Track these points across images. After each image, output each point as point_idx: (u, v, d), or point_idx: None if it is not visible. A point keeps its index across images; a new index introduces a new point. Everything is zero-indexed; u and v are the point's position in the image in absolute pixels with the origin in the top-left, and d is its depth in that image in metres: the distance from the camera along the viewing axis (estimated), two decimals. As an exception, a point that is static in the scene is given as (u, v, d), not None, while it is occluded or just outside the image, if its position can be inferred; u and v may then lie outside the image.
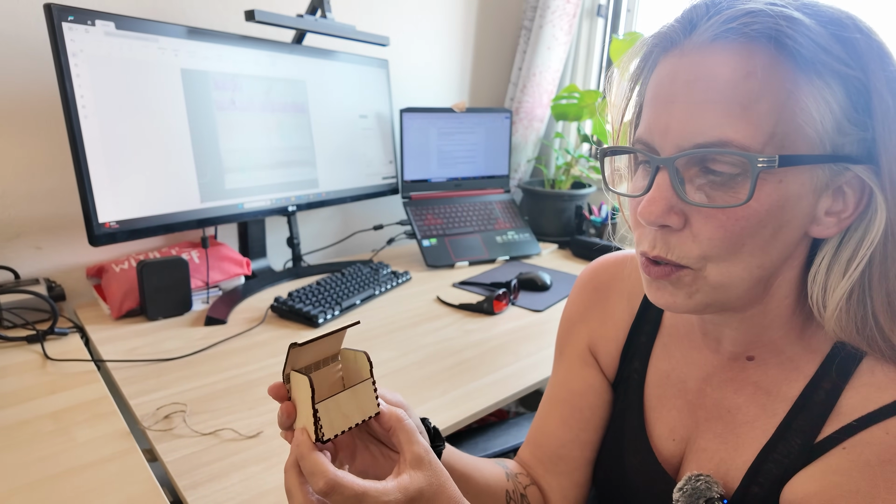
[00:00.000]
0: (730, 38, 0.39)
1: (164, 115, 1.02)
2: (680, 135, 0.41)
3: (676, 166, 0.42)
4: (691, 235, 0.42)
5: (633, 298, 0.62)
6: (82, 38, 0.89)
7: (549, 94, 1.76)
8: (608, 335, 0.63)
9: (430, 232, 1.49)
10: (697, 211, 0.42)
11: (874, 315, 0.42)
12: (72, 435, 0.70)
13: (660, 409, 0.57)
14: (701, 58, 0.40)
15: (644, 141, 0.44)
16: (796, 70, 0.38)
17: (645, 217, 0.42)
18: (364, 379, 0.45)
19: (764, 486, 0.46)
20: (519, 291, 1.26)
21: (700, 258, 0.42)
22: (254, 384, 0.84)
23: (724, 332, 0.51)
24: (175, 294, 1.07)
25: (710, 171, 0.41)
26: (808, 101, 0.38)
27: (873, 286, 0.42)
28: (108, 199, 0.95)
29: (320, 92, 1.30)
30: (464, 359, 0.96)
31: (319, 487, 0.38)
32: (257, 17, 1.11)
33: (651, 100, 0.44)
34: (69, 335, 0.97)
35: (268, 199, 1.21)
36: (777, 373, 0.49)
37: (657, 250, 0.44)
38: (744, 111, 0.39)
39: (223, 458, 0.68)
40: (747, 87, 0.38)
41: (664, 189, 0.42)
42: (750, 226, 0.40)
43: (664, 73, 0.43)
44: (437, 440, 0.53)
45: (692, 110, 0.40)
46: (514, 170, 1.83)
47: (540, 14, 1.67)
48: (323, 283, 1.19)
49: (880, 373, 0.43)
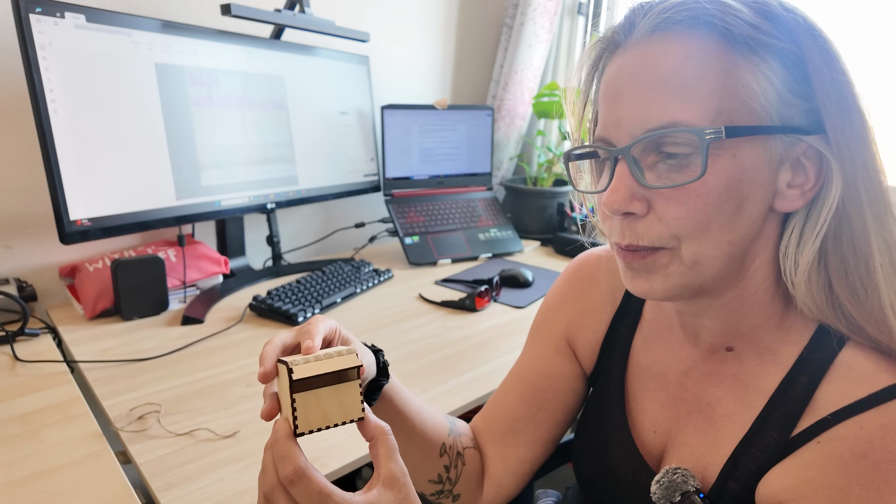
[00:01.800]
0: (665, 29, 0.42)
1: (138, 110, 0.99)
2: (631, 124, 0.42)
3: (633, 154, 0.43)
4: (656, 219, 0.43)
5: (616, 292, 0.62)
6: (51, 31, 0.87)
7: (530, 91, 1.76)
8: (588, 327, 0.63)
9: (412, 230, 1.48)
10: (659, 194, 0.43)
11: (831, 285, 0.43)
12: (41, 437, 0.68)
13: (641, 401, 0.57)
14: (642, 50, 0.43)
15: (601, 138, 0.46)
16: (731, 49, 0.40)
17: (609, 206, 0.43)
18: (351, 379, 0.43)
19: (740, 481, 0.46)
20: (501, 288, 1.26)
21: (671, 237, 0.43)
22: (231, 384, 0.83)
23: (703, 323, 0.51)
24: (151, 293, 1.04)
25: (666, 155, 0.42)
26: (747, 76, 0.40)
27: (829, 253, 0.43)
28: (80, 197, 0.93)
29: (299, 88, 1.28)
30: (446, 355, 0.95)
31: (286, 473, 0.38)
32: (234, 11, 1.09)
33: (602, 99, 0.46)
34: (40, 336, 0.94)
35: (246, 196, 1.19)
36: (755, 365, 0.49)
37: (627, 238, 0.45)
38: (688, 93, 0.40)
39: (198, 458, 0.66)
40: (687, 71, 0.40)
41: (624, 178, 0.43)
42: (711, 202, 0.41)
43: (611, 72, 0.45)
44: (383, 375, 0.53)
45: (639, 99, 0.42)
46: (497, 167, 1.83)
47: (521, 11, 1.68)
48: (303, 281, 1.17)
49: (857, 366, 0.43)
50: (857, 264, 0.42)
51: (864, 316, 0.42)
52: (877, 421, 0.40)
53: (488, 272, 1.36)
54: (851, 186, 0.41)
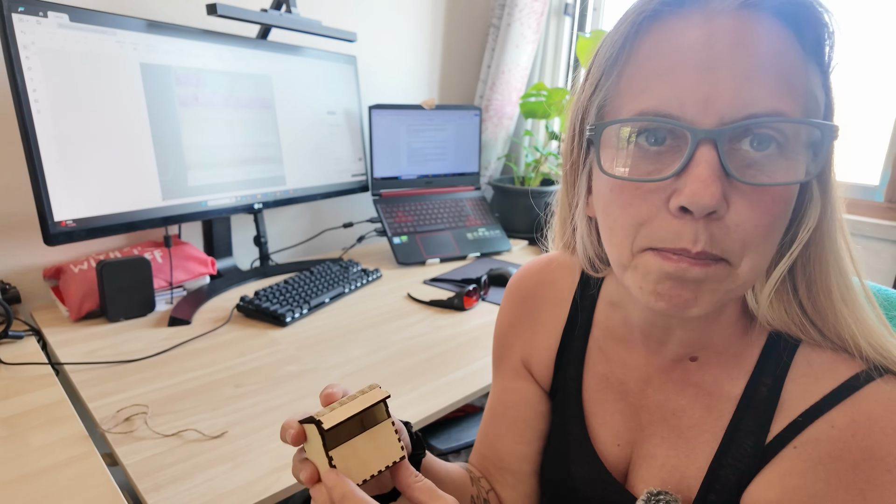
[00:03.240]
0: (753, 6, 0.36)
1: (124, 110, 0.99)
2: (728, 104, 0.35)
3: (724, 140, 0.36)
4: (734, 224, 0.37)
5: (562, 304, 0.58)
6: (34, 30, 0.86)
7: (518, 91, 1.77)
8: (540, 344, 0.60)
9: (400, 229, 1.49)
10: (740, 194, 0.36)
11: (798, 299, 0.42)
12: (26, 440, 0.67)
13: (601, 414, 0.54)
14: (737, 22, 0.36)
15: (665, 113, 0.37)
16: (804, 50, 0.37)
17: (701, 201, 0.35)
18: (381, 420, 0.41)
19: (722, 494, 0.45)
20: (489, 287, 1.27)
21: (741, 247, 0.37)
22: (219, 384, 0.83)
23: (673, 333, 0.47)
24: (137, 295, 1.04)
25: (749, 146, 0.36)
26: (814, 86, 0.38)
27: (797, 273, 0.42)
28: (64, 197, 0.92)
29: (286, 88, 1.28)
30: (434, 354, 0.96)
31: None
32: (220, 11, 1.09)
33: (671, 66, 0.37)
34: (25, 338, 0.93)
35: (233, 196, 1.19)
36: (718, 372, 0.47)
37: (701, 244, 0.36)
38: (788, 85, 0.36)
39: (186, 459, 0.66)
40: (787, 61, 0.36)
41: (715, 167, 0.35)
42: (786, 208, 0.38)
43: (688, 35, 0.37)
44: (419, 448, 0.50)
45: (743, 78, 0.35)
46: (485, 167, 1.84)
47: (508, 12, 1.68)
48: (291, 281, 1.17)
49: (815, 362, 0.43)
50: (818, 283, 0.42)
51: (826, 328, 0.42)
52: (845, 417, 0.40)
53: (476, 271, 1.37)
54: (828, 209, 0.41)
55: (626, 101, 0.40)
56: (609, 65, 0.41)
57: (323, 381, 0.84)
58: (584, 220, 0.49)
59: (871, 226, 1.22)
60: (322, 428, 0.38)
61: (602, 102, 0.42)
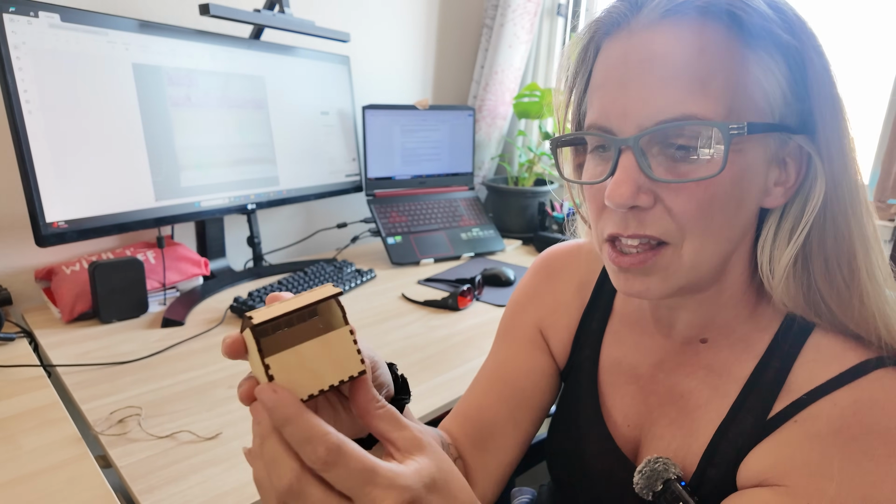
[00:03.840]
0: (677, 13, 0.40)
1: (116, 110, 0.98)
2: (640, 114, 0.40)
3: (640, 146, 0.41)
4: (665, 210, 0.42)
5: (585, 286, 0.62)
6: (24, 30, 0.86)
7: (511, 92, 1.77)
8: (559, 322, 0.62)
9: (394, 229, 1.49)
10: (667, 187, 0.41)
11: (815, 280, 0.44)
12: (18, 443, 0.67)
13: (613, 396, 0.57)
14: (652, 35, 0.40)
15: (599, 125, 0.43)
16: (745, 43, 0.39)
17: (615, 199, 0.41)
18: (337, 327, 0.33)
19: (720, 468, 0.47)
20: (483, 287, 1.27)
21: (678, 231, 0.42)
22: (212, 385, 0.83)
23: (679, 315, 0.51)
24: (130, 296, 1.03)
25: (672, 147, 0.41)
26: (759, 73, 0.40)
27: (813, 251, 0.43)
28: (56, 198, 0.91)
29: (280, 88, 1.28)
30: (429, 354, 0.96)
31: (319, 455, 0.29)
32: (212, 11, 1.08)
33: (602, 84, 0.43)
34: (16, 340, 0.93)
35: (226, 197, 1.18)
36: (728, 354, 0.49)
37: (631, 228, 0.43)
38: (702, 86, 0.39)
39: (180, 460, 0.66)
40: (702, 63, 0.39)
41: (630, 170, 0.41)
42: (719, 197, 0.41)
43: (613, 55, 0.42)
44: (404, 392, 0.46)
45: (650, 89, 0.40)
46: (478, 167, 1.84)
47: (501, 13, 1.69)
48: (285, 282, 1.17)
49: (825, 348, 0.44)
50: (839, 263, 0.43)
51: (844, 311, 0.43)
52: (848, 398, 0.41)
53: (470, 271, 1.37)
54: (835, 186, 0.42)
55: (587, 114, 0.46)
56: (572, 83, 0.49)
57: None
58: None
59: (861, 225, 1.23)
60: (252, 324, 0.30)
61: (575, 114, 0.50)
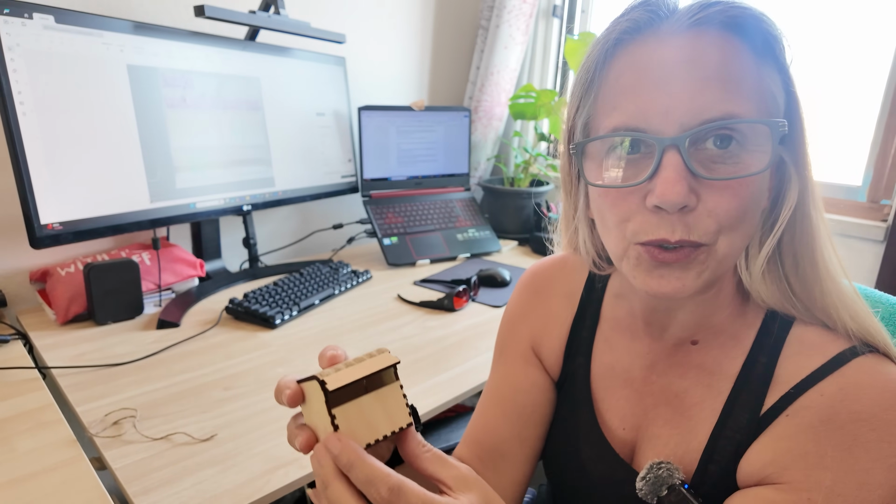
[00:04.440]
0: (703, 25, 0.42)
1: (111, 112, 0.98)
2: (685, 113, 0.41)
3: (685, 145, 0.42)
4: (706, 211, 0.42)
5: (573, 296, 0.63)
6: (18, 32, 0.85)
7: (507, 93, 1.78)
8: (551, 334, 0.63)
9: (390, 230, 1.49)
10: (710, 186, 0.42)
11: (787, 276, 0.47)
12: (13, 445, 0.67)
13: (608, 400, 0.58)
14: (686, 41, 0.42)
15: (633, 127, 0.43)
16: (761, 57, 0.43)
17: (670, 198, 0.40)
18: (389, 382, 0.38)
19: (720, 464, 0.48)
20: (479, 288, 1.27)
21: (717, 231, 0.42)
22: (208, 387, 0.83)
23: (676, 317, 0.52)
24: (125, 297, 1.03)
25: (712, 147, 0.42)
26: (771, 84, 0.43)
27: (784, 250, 0.47)
28: (51, 200, 0.91)
29: (275, 89, 1.28)
30: (425, 355, 0.96)
31: (382, 495, 0.34)
32: (207, 12, 1.08)
33: (634, 85, 0.43)
34: (10, 342, 0.92)
35: (221, 198, 1.18)
36: (718, 352, 0.51)
37: (679, 234, 0.42)
38: (738, 88, 0.41)
39: (175, 462, 0.66)
40: (734, 68, 0.41)
41: (680, 169, 0.41)
42: (754, 194, 0.43)
43: (643, 58, 0.43)
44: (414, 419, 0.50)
45: (694, 89, 0.41)
46: (474, 168, 1.84)
47: (497, 14, 1.69)
48: (280, 283, 1.17)
49: (807, 340, 0.47)
50: (804, 257, 0.46)
51: (812, 304, 0.47)
52: (833, 386, 0.43)
53: (466, 272, 1.37)
54: (806, 189, 0.45)
55: (602, 118, 0.46)
56: (585, 88, 0.48)
57: (313, 383, 0.84)
58: (585, 222, 0.55)
59: (855, 225, 1.24)
60: (326, 388, 0.35)
61: (585, 120, 0.48)
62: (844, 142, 1.33)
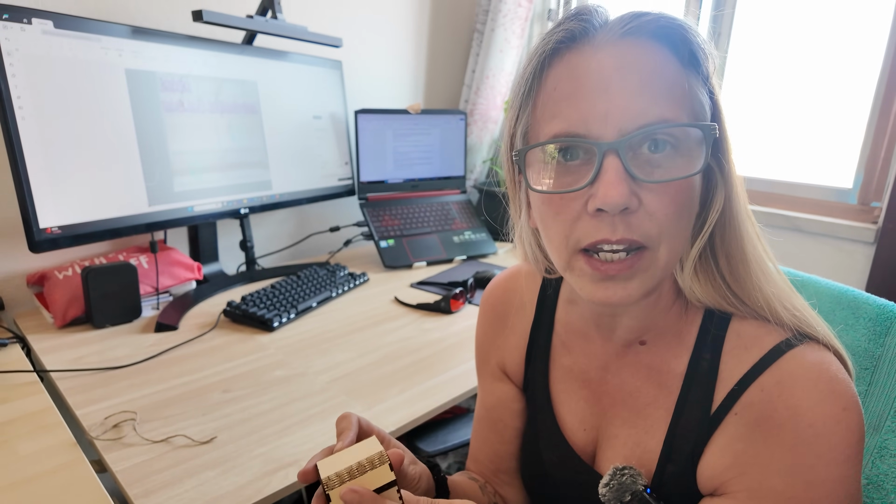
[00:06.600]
0: (635, 35, 0.44)
1: (109, 116, 0.99)
2: (622, 118, 0.42)
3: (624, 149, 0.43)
4: (646, 214, 0.43)
5: (528, 306, 0.64)
6: (17, 37, 0.86)
7: (502, 96, 1.79)
8: (512, 346, 0.65)
9: (387, 233, 1.50)
10: (649, 189, 0.43)
11: (722, 274, 0.48)
12: (13, 448, 0.67)
13: (568, 402, 0.59)
14: (621, 49, 0.43)
15: (573, 133, 0.44)
16: (685, 64, 0.44)
17: (612, 200, 0.41)
18: (387, 482, 0.44)
19: (678, 464, 0.49)
20: (475, 290, 1.28)
21: (658, 233, 0.43)
22: (207, 389, 0.83)
23: (620, 321, 0.53)
24: (123, 301, 1.03)
25: (648, 150, 0.43)
26: (698, 91, 0.45)
27: (717, 249, 0.48)
28: (50, 204, 0.92)
29: (272, 93, 1.28)
30: (422, 357, 0.97)
31: None
32: (205, 17, 1.09)
33: (572, 92, 0.44)
34: (9, 346, 0.93)
35: (219, 201, 1.19)
36: (664, 351, 0.52)
37: (620, 233, 0.43)
38: (671, 94, 0.43)
39: (176, 464, 0.67)
40: (666, 75, 0.43)
41: (620, 172, 0.42)
42: (690, 197, 0.44)
43: (581, 65, 0.44)
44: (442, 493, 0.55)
45: (631, 94, 0.42)
46: (470, 171, 1.86)
47: (492, 18, 1.70)
48: (278, 286, 1.17)
49: (745, 333, 0.48)
50: (735, 256, 0.48)
51: (749, 298, 0.48)
52: (772, 380, 0.45)
53: (463, 274, 1.38)
54: (732, 191, 0.47)
55: (542, 125, 0.47)
56: (524, 97, 0.48)
57: (311, 386, 0.85)
58: (528, 231, 0.56)
59: (845, 227, 1.26)
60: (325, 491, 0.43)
61: (525, 129, 0.49)
62: (835, 144, 1.35)
